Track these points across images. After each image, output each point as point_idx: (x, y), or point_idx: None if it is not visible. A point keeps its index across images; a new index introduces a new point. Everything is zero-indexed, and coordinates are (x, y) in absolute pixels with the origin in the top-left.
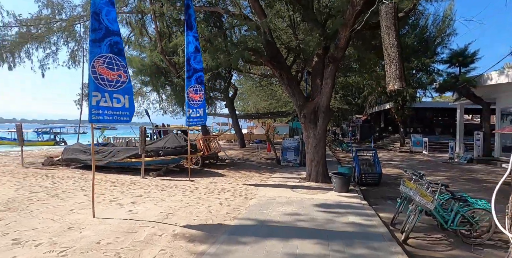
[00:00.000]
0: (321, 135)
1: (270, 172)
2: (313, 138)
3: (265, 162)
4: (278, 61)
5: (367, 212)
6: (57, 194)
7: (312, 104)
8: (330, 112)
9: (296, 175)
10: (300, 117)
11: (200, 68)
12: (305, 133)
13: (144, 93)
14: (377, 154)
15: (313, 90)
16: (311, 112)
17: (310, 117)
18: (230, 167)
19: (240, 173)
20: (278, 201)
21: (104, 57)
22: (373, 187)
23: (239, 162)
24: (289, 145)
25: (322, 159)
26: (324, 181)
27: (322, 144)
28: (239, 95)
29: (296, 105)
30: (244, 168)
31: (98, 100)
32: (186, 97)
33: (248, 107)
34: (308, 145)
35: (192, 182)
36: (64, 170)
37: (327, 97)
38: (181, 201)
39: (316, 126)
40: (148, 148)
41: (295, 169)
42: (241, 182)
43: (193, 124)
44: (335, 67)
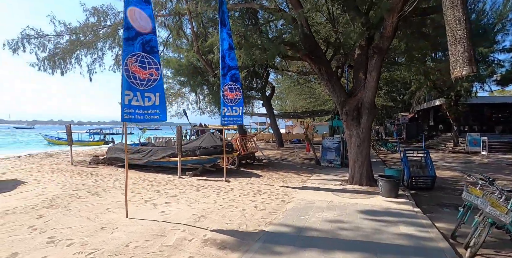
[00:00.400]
0: (365, 134)
1: (309, 173)
2: (356, 137)
3: (304, 163)
4: (317, 55)
5: (421, 222)
6: (97, 192)
7: (355, 100)
8: (375, 109)
9: (337, 177)
10: (341, 114)
11: (234, 65)
12: (347, 132)
13: (183, 94)
14: (429, 155)
15: (356, 85)
16: (354, 109)
17: (353, 114)
18: (267, 167)
19: (277, 173)
20: (318, 206)
21: (136, 56)
22: (425, 192)
23: (277, 162)
24: (329, 145)
25: (366, 160)
26: (368, 184)
27: (366, 143)
28: (277, 94)
29: (337, 101)
30: (282, 169)
31: (130, 99)
32: (221, 96)
33: (286, 106)
34: (350, 145)
35: (228, 183)
36: (108, 168)
37: (371, 92)
38: (215, 202)
39: (360, 124)
40: (184, 147)
41: (335, 170)
42: (278, 184)
43: (229, 123)
44: (380, 58)
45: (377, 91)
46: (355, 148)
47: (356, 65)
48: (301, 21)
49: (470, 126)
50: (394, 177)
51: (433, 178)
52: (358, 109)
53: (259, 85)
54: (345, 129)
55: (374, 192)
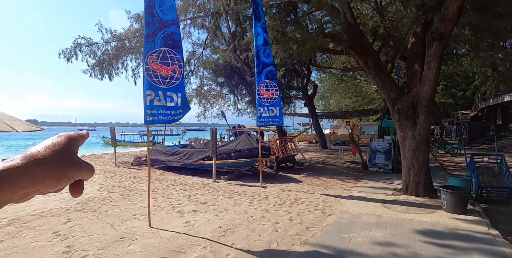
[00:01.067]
0: (423, 136)
1: (355, 180)
2: (411, 140)
3: (349, 167)
4: (362, 46)
5: (503, 251)
6: (129, 196)
7: (409, 97)
8: (434, 107)
9: (388, 185)
10: (393, 113)
11: (270, 62)
12: (400, 133)
13: (224, 95)
14: (505, 161)
15: (410, 79)
16: (408, 106)
17: (407, 113)
18: (307, 172)
19: (319, 179)
20: (364, 221)
21: (158, 52)
22: (499, 206)
23: (319, 166)
24: (379, 148)
25: (424, 166)
26: (427, 195)
27: (424, 147)
28: (321, 93)
29: (387, 98)
30: (324, 174)
31: (152, 99)
32: (256, 95)
33: (330, 106)
34: (404, 149)
35: (263, 189)
36: (147, 170)
37: (430, 87)
38: (245, 213)
39: (416, 124)
40: (219, 150)
41: (386, 176)
42: (319, 191)
43: (266, 124)
44: (441, 46)
45: (437, 85)
46: (410, 153)
47: (410, 56)
48: (344, 10)
49: None
50: (462, 189)
51: (511, 190)
52: (414, 107)
53: (299, 84)
54: (397, 131)
55: (435, 205)
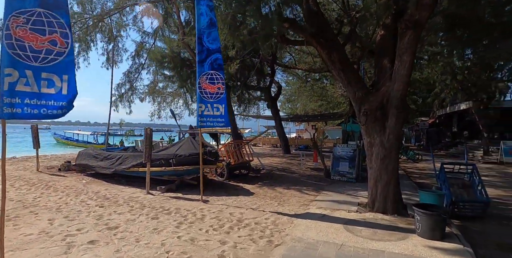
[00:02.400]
0: (393, 142)
1: (316, 191)
2: (379, 147)
3: (311, 175)
4: (327, 38)
5: None
6: (18, 216)
7: (378, 96)
8: (407, 108)
9: (352, 198)
10: (359, 115)
11: (216, 48)
12: (367, 139)
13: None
14: (478, 172)
15: (379, 77)
16: (377, 107)
17: (375, 115)
18: (264, 180)
19: (274, 191)
20: (322, 254)
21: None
22: (473, 223)
23: (278, 174)
24: (342, 154)
25: (393, 178)
26: (396, 212)
27: (394, 156)
28: (288, 96)
29: (353, 98)
30: (282, 183)
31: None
32: (198, 89)
33: (297, 109)
34: (371, 157)
35: (203, 205)
36: (73, 177)
37: (402, 84)
38: (161, 246)
39: (385, 128)
40: (156, 155)
41: (349, 186)
42: (271, 208)
43: (209, 125)
44: (415, 36)
45: (409, 82)
46: (378, 162)
47: (379, 50)
48: None
49: (501, 133)
50: (437, 207)
51: (486, 205)
52: (383, 108)
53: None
54: (364, 136)
55: (407, 228)
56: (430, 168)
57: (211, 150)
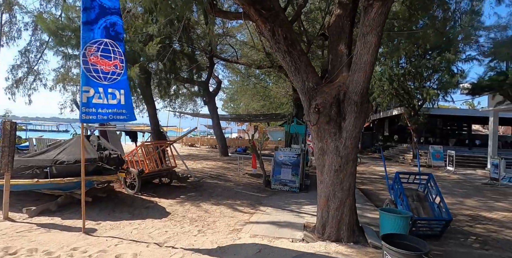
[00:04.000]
0: (351, 149)
1: (252, 206)
2: (333, 155)
3: (248, 183)
4: (269, 8)
5: None
6: None
7: (333, 89)
8: (368, 104)
9: (295, 216)
10: (308, 113)
11: (112, 6)
12: (318, 143)
13: None
14: (435, 183)
15: (333, 65)
16: (332, 103)
17: (329, 113)
18: (189, 193)
19: (199, 207)
20: None
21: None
22: (433, 245)
23: (209, 183)
24: (285, 159)
25: (349, 196)
26: (352, 240)
27: (351, 168)
28: (231, 96)
29: (301, 89)
30: (211, 196)
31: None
32: (82, 63)
33: (239, 109)
34: (323, 168)
35: (83, 239)
36: None
37: (364, 73)
38: None
39: (341, 131)
40: (27, 161)
41: (292, 197)
42: (187, 240)
43: (99, 119)
44: (384, 11)
45: (373, 71)
46: (332, 175)
47: (333, 34)
48: None
49: (426, 138)
50: (411, 239)
51: (448, 222)
52: (339, 104)
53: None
54: (314, 140)
55: None
56: (370, 172)
57: (109, 155)
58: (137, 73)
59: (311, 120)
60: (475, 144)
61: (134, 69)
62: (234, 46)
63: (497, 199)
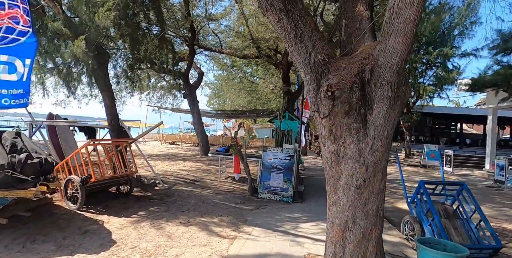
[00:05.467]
0: (381, 153)
1: (233, 225)
2: (354, 163)
3: (230, 190)
4: None
5: None
6: None
7: (354, 62)
8: (406, 86)
9: (291, 242)
10: (315, 99)
11: None
12: (330, 145)
13: None
14: (471, 194)
15: (349, 33)
16: (353, 83)
17: (349, 98)
18: (152, 206)
19: (160, 230)
20: None
21: None
22: None
23: (182, 191)
24: (275, 162)
25: (376, 226)
26: None
27: (380, 181)
28: (216, 91)
29: (305, 65)
30: (181, 211)
31: None
32: None
33: (225, 105)
34: (336, 182)
35: None
36: None
37: (405, 37)
38: None
39: (366, 125)
40: None
41: (285, 211)
42: None
43: None
44: None
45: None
46: (351, 192)
47: None
48: None
49: (417, 137)
50: None
51: (495, 251)
52: (363, 86)
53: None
54: (324, 140)
55: None
56: None
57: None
58: (82, 48)
59: (320, 110)
60: (466, 143)
61: (78, 43)
62: (218, 35)
63: (511, 206)
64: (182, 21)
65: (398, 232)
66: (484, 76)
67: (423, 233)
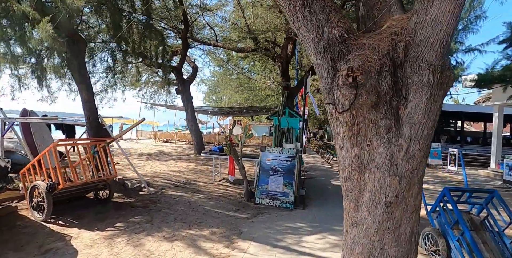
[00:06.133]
0: (419, 159)
1: (226, 240)
2: (384, 172)
3: (224, 195)
4: None
5: None
6: None
7: (382, 39)
8: (450, 71)
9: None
10: (329, 88)
11: None
12: (351, 148)
13: None
14: (505, 204)
15: (369, 5)
16: (381, 66)
17: (377, 85)
18: (133, 216)
19: (138, 248)
20: None
21: None
22: None
23: (170, 196)
24: (274, 164)
25: (411, 254)
26: None
27: (416, 195)
28: (213, 88)
29: (316, 44)
30: (166, 221)
31: None
32: None
33: (222, 103)
34: (358, 197)
35: None
36: None
37: (451, 7)
38: None
39: (399, 122)
40: None
41: (286, 219)
42: None
43: None
44: None
45: None
46: (378, 211)
47: None
48: None
49: None
50: None
51: None
52: (394, 69)
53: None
54: (340, 140)
55: None
56: None
57: None
58: (49, 32)
59: (337, 102)
60: (467, 141)
61: (43, 26)
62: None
63: None
64: (174, 10)
65: None
66: (492, 71)
67: (449, 249)
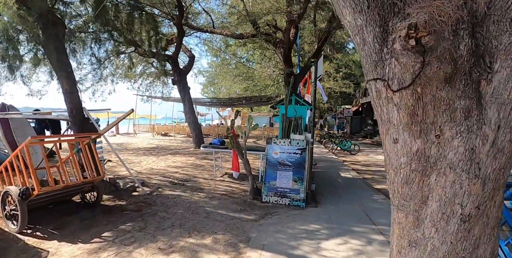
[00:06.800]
0: (508, 154)
1: (232, 249)
2: (460, 174)
3: (227, 193)
4: None
5: None
6: None
7: None
8: None
9: None
10: (378, 57)
11: None
12: (409, 140)
13: None
14: None
15: None
16: (457, 25)
17: (453, 51)
18: (124, 222)
19: None
20: None
21: None
22: None
23: (167, 196)
24: (282, 157)
25: None
26: None
27: (498, 205)
28: (211, 80)
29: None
30: (161, 228)
31: None
32: None
33: (220, 94)
34: (419, 207)
35: None
36: None
37: None
38: None
39: (481, 102)
40: None
41: (298, 220)
42: None
43: None
44: None
45: None
46: (448, 227)
47: None
48: None
49: None
50: None
51: None
52: (473, 28)
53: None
54: (395, 132)
55: None
56: (375, 163)
57: None
58: (13, 9)
59: (390, 76)
60: None
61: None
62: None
63: None
64: None
65: None
66: None
67: None
